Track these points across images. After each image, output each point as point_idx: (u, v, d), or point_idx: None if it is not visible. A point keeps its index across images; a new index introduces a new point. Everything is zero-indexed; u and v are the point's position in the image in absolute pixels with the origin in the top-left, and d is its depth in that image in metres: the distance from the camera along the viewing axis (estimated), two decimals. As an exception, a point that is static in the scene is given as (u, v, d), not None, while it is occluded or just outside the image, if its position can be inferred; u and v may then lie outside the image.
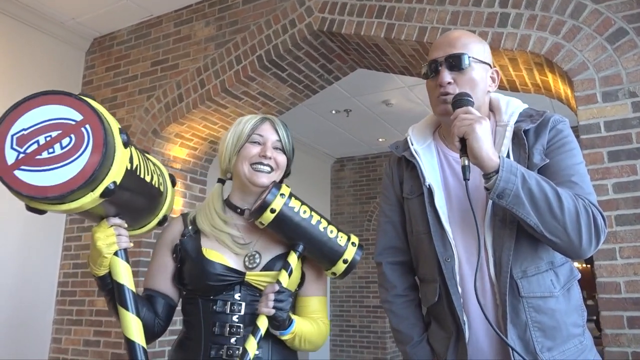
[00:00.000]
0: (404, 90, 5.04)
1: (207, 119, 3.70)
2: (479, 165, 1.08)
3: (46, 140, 0.93)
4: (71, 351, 3.62)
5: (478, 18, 2.68)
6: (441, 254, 1.21)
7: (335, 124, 6.04)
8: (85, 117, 0.94)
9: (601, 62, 2.37)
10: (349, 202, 7.23)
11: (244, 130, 1.36)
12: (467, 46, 1.21)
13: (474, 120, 1.08)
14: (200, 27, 3.71)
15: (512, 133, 1.21)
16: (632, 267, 2.14)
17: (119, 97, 3.97)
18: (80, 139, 0.93)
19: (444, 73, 1.19)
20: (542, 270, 1.15)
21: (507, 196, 1.06)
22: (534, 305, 1.12)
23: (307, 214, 1.26)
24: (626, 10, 2.36)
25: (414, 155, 1.30)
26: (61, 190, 0.91)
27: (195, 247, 1.29)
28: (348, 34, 3.07)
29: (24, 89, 3.69)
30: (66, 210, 0.96)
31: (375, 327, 6.65)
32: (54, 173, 0.91)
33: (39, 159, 0.92)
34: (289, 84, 3.62)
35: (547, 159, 1.17)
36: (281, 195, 1.24)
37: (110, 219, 1.12)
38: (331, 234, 1.28)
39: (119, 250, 1.14)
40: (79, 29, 4.06)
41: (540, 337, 1.11)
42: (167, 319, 1.32)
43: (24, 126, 0.94)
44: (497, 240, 1.15)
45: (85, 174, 0.91)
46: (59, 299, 3.80)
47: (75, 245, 3.84)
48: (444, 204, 1.24)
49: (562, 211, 1.06)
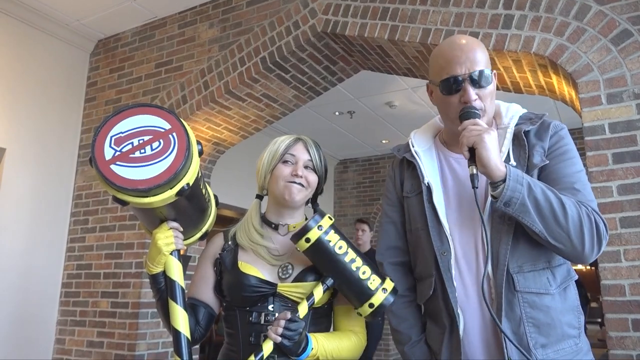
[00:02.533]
0: (408, 92, 5.04)
1: (210, 121, 3.71)
2: (487, 174, 1.12)
3: (139, 143, 1.11)
4: (75, 352, 3.63)
5: (482, 20, 2.68)
6: (438, 248, 1.24)
7: (338, 126, 6.05)
8: (172, 127, 1.13)
9: (606, 63, 2.36)
10: (352, 204, 7.22)
11: (277, 150, 1.43)
12: (484, 59, 1.23)
13: (483, 130, 1.12)
14: (204, 28, 3.72)
15: (513, 135, 1.25)
16: (637, 270, 2.13)
17: (123, 98, 3.99)
18: (168, 143, 1.11)
19: (470, 91, 1.20)
20: (539, 268, 1.18)
21: (513, 204, 1.10)
22: (528, 300, 1.15)
23: (343, 250, 1.26)
24: (631, 11, 2.35)
25: (414, 156, 1.35)
26: (149, 184, 1.07)
27: (232, 260, 1.39)
28: (352, 36, 3.07)
29: (28, 90, 3.71)
30: (147, 203, 1.11)
31: (379, 329, 6.64)
32: (144, 170, 1.08)
33: (132, 157, 1.09)
34: (293, 85, 3.63)
35: (547, 161, 1.20)
36: (319, 227, 1.25)
37: (170, 222, 1.26)
38: (363, 275, 1.26)
39: (174, 251, 1.28)
40: (83, 30, 4.07)
41: (534, 332, 1.13)
42: (207, 326, 1.41)
43: (122, 130, 1.12)
44: (494, 235, 1.18)
45: (169, 172, 1.08)
46: (62, 299, 3.81)
47: (79, 247, 3.85)
48: (442, 200, 1.28)
49: (567, 219, 1.09)
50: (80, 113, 4.15)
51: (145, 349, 3.39)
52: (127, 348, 3.38)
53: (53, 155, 3.87)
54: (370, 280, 1.26)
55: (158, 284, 1.29)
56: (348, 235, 7.00)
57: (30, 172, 3.69)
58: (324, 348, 1.28)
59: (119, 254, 3.65)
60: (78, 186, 3.99)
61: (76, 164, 4.03)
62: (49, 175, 3.83)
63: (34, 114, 3.75)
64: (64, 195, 3.94)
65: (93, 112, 4.10)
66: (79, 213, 3.92)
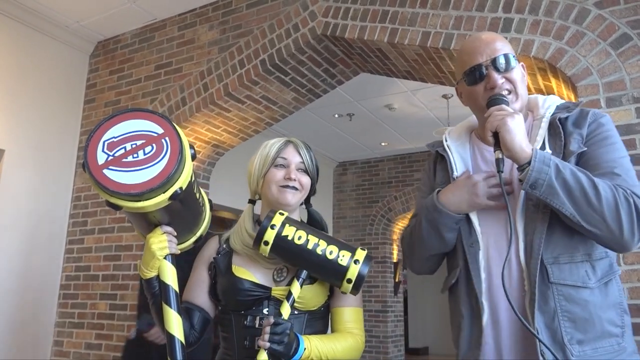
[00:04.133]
0: (407, 95, 5.04)
1: (210, 123, 3.71)
2: (512, 158, 1.11)
3: (132, 147, 1.11)
4: (73, 354, 3.62)
5: (481, 23, 2.68)
6: (466, 239, 1.24)
7: (338, 128, 6.05)
8: (165, 131, 1.13)
9: (605, 67, 2.37)
10: (351, 206, 7.22)
11: (268, 154, 1.42)
12: (505, 47, 1.25)
13: (506, 114, 1.12)
14: (204, 31, 3.72)
15: (548, 123, 1.23)
16: (636, 274, 2.13)
17: (123, 100, 3.99)
18: (160, 148, 1.11)
19: (494, 75, 1.21)
20: (577, 260, 1.13)
21: (540, 186, 1.07)
22: (564, 293, 1.10)
23: (303, 239, 1.26)
24: (630, 15, 2.36)
25: (445, 149, 1.36)
26: (142, 188, 1.07)
27: (227, 264, 1.39)
28: (351, 39, 3.07)
29: (28, 92, 3.71)
30: (140, 207, 1.10)
31: (377, 332, 6.63)
32: (137, 174, 1.08)
33: (124, 161, 1.09)
34: (292, 88, 3.63)
35: (584, 147, 1.16)
36: (272, 227, 1.26)
37: (163, 227, 1.25)
38: (330, 255, 1.26)
39: (167, 255, 1.27)
40: (83, 32, 4.07)
41: (570, 327, 1.08)
42: (202, 330, 1.41)
43: (115, 135, 1.12)
44: (529, 224, 1.15)
45: (162, 176, 1.08)
46: (61, 301, 3.80)
47: (78, 248, 3.84)
48: None
49: (599, 200, 1.05)
50: (80, 115, 4.15)
51: (143, 351, 3.38)
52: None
53: (52, 156, 3.86)
54: (340, 257, 1.26)
55: (152, 289, 1.28)
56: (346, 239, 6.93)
57: (29, 173, 3.68)
58: (317, 349, 1.26)
59: (118, 255, 3.64)
60: (77, 188, 3.98)
61: (75, 165, 4.03)
62: (48, 177, 3.82)
63: (33, 115, 3.74)
64: (63, 197, 3.94)
65: (92, 113, 4.10)
66: (78, 215, 3.92)
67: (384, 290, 6.72)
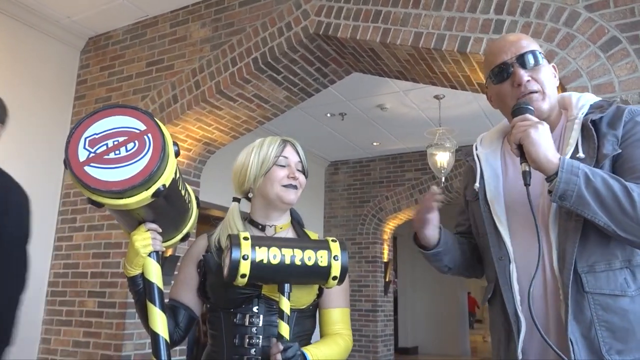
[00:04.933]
0: (399, 95, 5.06)
1: (201, 121, 3.69)
2: (539, 169, 1.08)
3: (114, 144, 1.09)
4: (60, 352, 3.59)
5: (473, 24, 2.69)
6: (495, 252, 1.22)
7: (330, 128, 6.05)
8: (148, 128, 1.11)
9: (594, 70, 2.39)
10: (342, 206, 7.23)
11: (269, 153, 1.43)
12: (531, 45, 1.23)
13: (530, 125, 1.09)
14: (196, 28, 3.70)
15: (581, 125, 1.18)
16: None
17: (113, 96, 3.96)
18: (142, 145, 1.10)
19: (521, 72, 1.19)
20: (615, 267, 1.09)
21: (569, 197, 1.04)
22: (601, 302, 1.07)
23: (278, 256, 1.22)
24: (619, 19, 2.38)
25: (474, 159, 1.33)
26: (123, 185, 1.06)
27: (217, 263, 1.38)
28: (344, 38, 3.08)
29: (17, 87, 3.67)
30: (122, 204, 1.09)
31: (367, 331, 6.65)
32: (118, 171, 1.07)
33: (106, 158, 1.08)
34: (284, 86, 3.62)
35: (619, 149, 1.12)
36: (244, 257, 1.20)
37: (148, 224, 1.24)
38: (310, 261, 1.24)
39: (152, 253, 1.26)
40: (74, 27, 4.04)
41: (608, 337, 1.05)
42: (187, 329, 1.42)
43: (96, 131, 1.10)
44: (561, 233, 1.12)
45: (144, 173, 1.07)
46: (48, 299, 3.77)
47: (67, 246, 3.81)
48: (501, 203, 1.25)
49: (634, 207, 1.01)
50: (70, 111, 4.12)
51: (132, 350, 3.36)
52: (114, 348, 3.36)
53: (41, 153, 3.83)
54: (320, 260, 1.24)
55: (136, 286, 1.28)
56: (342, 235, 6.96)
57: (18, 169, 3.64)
58: (318, 355, 1.29)
59: (107, 253, 3.62)
60: (66, 184, 3.95)
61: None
62: (37, 173, 3.79)
63: (22, 111, 3.71)
64: (52, 194, 3.90)
65: (83, 110, 4.07)
66: (67, 212, 3.89)
67: (374, 290, 6.74)
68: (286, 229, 1.48)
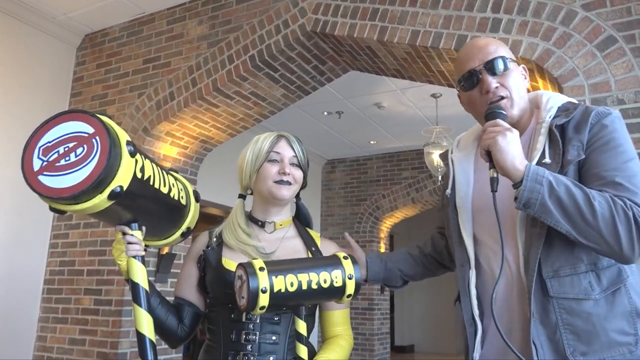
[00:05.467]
0: (396, 93, 5.06)
1: (198, 118, 3.69)
2: (506, 176, 1.10)
3: (64, 150, 1.09)
4: (56, 349, 3.59)
5: (470, 23, 2.70)
6: (458, 259, 1.25)
7: (327, 126, 6.05)
8: (95, 130, 1.10)
9: (591, 69, 2.39)
10: (339, 204, 7.23)
11: (261, 149, 1.42)
12: (499, 50, 1.24)
13: (499, 132, 1.10)
14: (193, 25, 3.70)
15: (547, 130, 1.19)
16: None
17: (110, 94, 3.95)
18: (90, 148, 1.08)
19: (489, 79, 1.20)
20: (580, 271, 1.11)
21: (533, 205, 1.06)
22: (565, 306, 1.09)
23: (295, 284, 1.17)
24: (616, 18, 2.39)
25: (449, 164, 1.35)
26: (73, 191, 1.05)
27: (216, 257, 1.39)
28: (341, 36, 3.08)
29: (13, 84, 3.66)
30: (81, 210, 1.08)
31: (364, 329, 6.66)
32: (68, 177, 1.06)
33: (57, 165, 1.08)
34: (281, 84, 3.62)
35: (583, 155, 1.12)
36: (263, 290, 1.13)
37: (123, 227, 1.23)
38: (325, 283, 1.19)
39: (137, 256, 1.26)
40: (70, 24, 4.03)
41: (573, 340, 1.08)
42: (192, 325, 1.43)
43: (49, 139, 1.11)
44: (527, 239, 1.15)
45: (92, 177, 1.05)
46: (44, 296, 3.77)
47: (62, 243, 3.80)
48: (468, 209, 1.27)
49: (595, 216, 1.03)
50: (66, 108, 4.10)
51: (128, 347, 3.36)
52: (110, 346, 3.35)
53: (37, 150, 3.81)
54: (335, 281, 1.20)
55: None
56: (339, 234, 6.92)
57: (13, 167, 3.64)
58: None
59: (103, 250, 3.61)
60: (62, 182, 3.94)
61: (61, 159, 3.98)
62: (33, 170, 3.77)
63: (18, 107, 3.69)
64: (48, 191, 3.89)
65: (79, 107, 4.06)
66: (63, 209, 3.87)
67: (370, 288, 6.75)
68: (287, 225, 1.47)
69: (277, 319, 1.33)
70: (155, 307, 1.33)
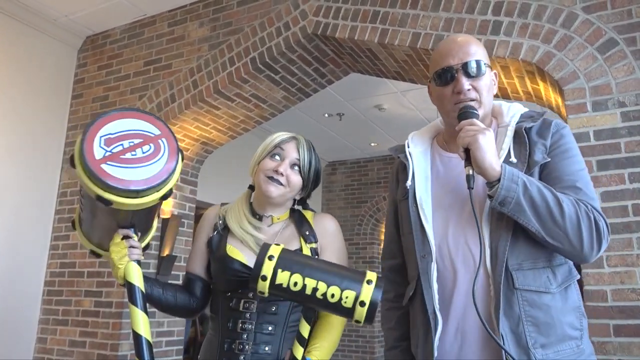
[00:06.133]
0: (397, 95, 5.06)
1: (199, 120, 3.69)
2: (482, 174, 1.12)
3: (130, 145, 1.13)
4: (56, 351, 3.58)
5: (471, 25, 2.70)
6: (419, 251, 1.24)
7: (327, 128, 6.05)
8: (162, 133, 1.17)
9: (591, 71, 2.39)
10: (340, 206, 7.23)
11: (269, 143, 1.44)
12: (478, 52, 1.25)
13: (478, 131, 1.13)
14: (194, 27, 3.70)
15: (514, 132, 1.24)
16: (619, 276, 2.16)
17: (111, 96, 3.95)
18: (158, 148, 1.15)
19: (463, 80, 1.21)
20: (539, 266, 1.16)
21: (508, 204, 1.10)
22: (528, 298, 1.13)
23: (299, 285, 1.14)
24: (617, 21, 2.38)
25: (407, 157, 1.35)
26: (143, 185, 1.10)
27: (221, 244, 1.41)
28: (342, 38, 3.08)
29: (14, 85, 3.66)
30: (130, 204, 1.11)
31: (364, 332, 6.65)
32: (136, 171, 1.11)
33: (122, 158, 1.11)
34: (282, 86, 3.62)
35: (548, 158, 1.19)
36: (263, 278, 1.14)
37: (124, 230, 1.26)
38: (332, 298, 1.13)
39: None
40: (71, 26, 4.03)
41: (534, 332, 1.11)
42: (205, 297, 1.45)
43: (111, 131, 1.14)
44: (494, 232, 1.17)
45: (162, 175, 1.12)
46: (45, 298, 3.76)
47: (63, 245, 3.80)
48: (429, 202, 1.27)
49: (563, 217, 1.09)
50: (67, 110, 4.11)
51: (128, 349, 3.35)
52: (110, 348, 3.35)
53: (38, 152, 3.82)
54: (344, 300, 1.13)
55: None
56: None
57: (14, 168, 3.64)
58: (322, 355, 1.32)
59: (104, 252, 3.61)
60: (63, 183, 3.94)
61: (62, 161, 3.99)
62: (34, 172, 3.78)
63: (19, 109, 3.70)
64: (49, 193, 3.89)
65: (80, 109, 4.06)
66: (64, 211, 3.88)
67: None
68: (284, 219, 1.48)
69: (274, 309, 1.33)
70: (160, 295, 1.37)
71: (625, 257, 2.16)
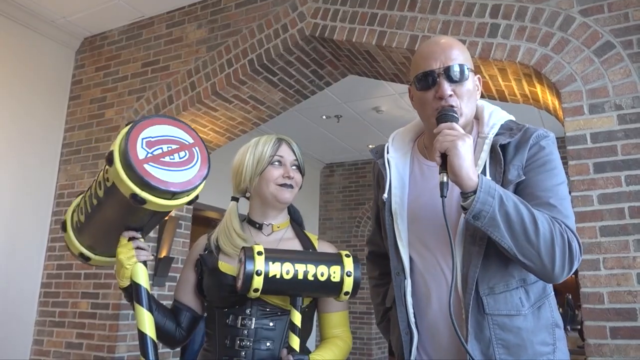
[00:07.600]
0: (395, 98, 5.06)
1: (197, 122, 3.69)
2: (458, 184, 1.06)
3: (168, 150, 1.19)
4: (53, 353, 3.57)
5: (469, 28, 2.70)
6: (394, 267, 1.23)
7: (325, 130, 6.05)
8: (195, 142, 1.24)
9: (588, 74, 2.40)
10: (337, 208, 7.23)
11: (264, 152, 1.44)
12: (461, 56, 1.19)
13: (457, 137, 1.06)
14: (192, 29, 3.70)
15: (490, 147, 1.19)
16: (615, 278, 2.16)
17: (109, 97, 3.95)
18: (192, 155, 1.21)
19: (445, 85, 1.15)
20: (512, 287, 1.14)
21: (483, 218, 1.04)
22: (499, 322, 1.12)
23: (291, 272, 1.23)
24: (614, 24, 2.39)
25: (385, 165, 1.31)
26: (180, 187, 1.16)
27: (213, 261, 1.40)
28: (340, 40, 3.08)
29: (12, 86, 3.66)
30: (163, 205, 1.16)
31: (362, 334, 6.64)
32: (175, 174, 1.17)
33: (162, 160, 1.17)
34: (280, 88, 3.62)
35: (523, 176, 1.14)
36: (257, 273, 1.21)
37: (126, 232, 1.29)
38: (322, 276, 1.24)
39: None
40: (69, 27, 4.03)
41: (504, 354, 1.10)
42: (189, 328, 1.46)
43: (151, 135, 1.19)
44: (465, 256, 1.14)
45: (195, 180, 1.18)
46: (41, 300, 3.75)
47: (60, 246, 3.79)
48: (404, 215, 1.24)
49: (537, 236, 1.05)
50: (65, 111, 4.10)
51: (125, 351, 3.34)
52: (107, 350, 3.34)
53: (35, 153, 3.81)
54: (332, 276, 1.25)
55: (131, 297, 1.31)
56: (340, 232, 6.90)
57: (11, 169, 3.63)
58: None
59: (101, 254, 3.60)
60: (60, 185, 3.93)
61: (59, 162, 3.98)
62: (31, 173, 3.77)
63: (17, 110, 3.69)
64: (46, 194, 3.88)
65: (77, 110, 4.06)
66: (61, 212, 3.87)
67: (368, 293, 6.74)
68: (284, 227, 1.48)
69: (272, 325, 1.33)
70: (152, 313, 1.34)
71: (622, 259, 2.17)
